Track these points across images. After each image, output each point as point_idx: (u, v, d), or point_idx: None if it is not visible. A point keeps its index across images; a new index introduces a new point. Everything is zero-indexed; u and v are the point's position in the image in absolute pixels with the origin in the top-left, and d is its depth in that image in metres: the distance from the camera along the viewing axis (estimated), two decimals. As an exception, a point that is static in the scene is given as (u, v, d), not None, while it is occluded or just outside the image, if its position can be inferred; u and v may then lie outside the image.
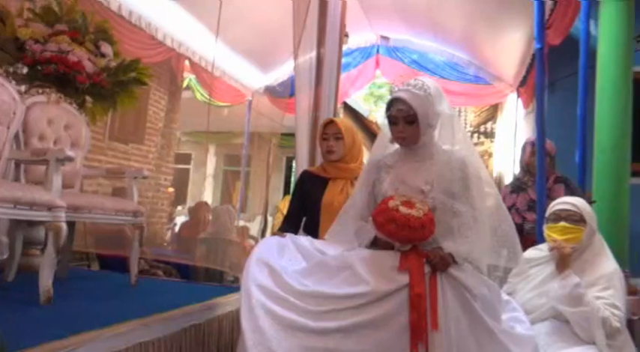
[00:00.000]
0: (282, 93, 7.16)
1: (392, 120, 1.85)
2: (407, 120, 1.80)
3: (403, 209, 1.69)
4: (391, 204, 1.73)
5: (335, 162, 2.46)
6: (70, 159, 2.33)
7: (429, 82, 1.85)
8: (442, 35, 6.04)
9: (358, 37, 6.36)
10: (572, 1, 3.37)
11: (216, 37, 4.45)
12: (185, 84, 7.12)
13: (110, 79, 3.41)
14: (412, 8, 5.50)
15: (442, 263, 1.68)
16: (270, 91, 7.31)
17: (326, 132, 2.46)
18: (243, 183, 8.44)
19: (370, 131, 11.12)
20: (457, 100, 7.98)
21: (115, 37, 3.60)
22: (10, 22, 3.09)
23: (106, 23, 3.57)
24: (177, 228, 6.72)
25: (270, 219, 7.73)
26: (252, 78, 7.04)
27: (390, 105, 1.85)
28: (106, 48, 3.43)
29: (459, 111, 13.00)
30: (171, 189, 7.42)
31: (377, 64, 6.79)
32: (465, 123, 12.73)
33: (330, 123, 2.50)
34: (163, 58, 5.47)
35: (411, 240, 1.71)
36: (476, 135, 11.96)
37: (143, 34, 5.03)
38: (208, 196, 11.34)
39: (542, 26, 2.94)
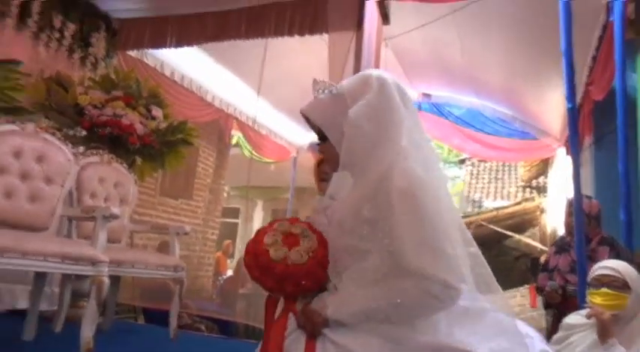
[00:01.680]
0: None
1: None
2: (319, 138, 1.41)
3: (276, 250, 1.25)
4: (266, 238, 1.28)
5: None
6: (116, 217, 2.47)
7: (355, 77, 1.40)
8: (484, 91, 6.06)
9: (400, 95, 6.48)
10: (611, 55, 3.35)
11: (257, 96, 4.70)
12: (234, 141, 7.44)
13: (159, 139, 3.64)
14: (452, 66, 5.59)
15: (309, 325, 1.21)
16: (314, 148, 7.48)
17: None
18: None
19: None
20: (507, 156, 7.88)
21: (167, 101, 3.87)
22: (72, 90, 3.40)
23: (157, 88, 3.85)
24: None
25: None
26: (296, 135, 7.27)
27: None
28: (157, 111, 3.68)
29: (509, 167, 12.81)
30: (227, 241, 7.60)
31: (420, 121, 6.84)
32: (516, 178, 12.45)
33: None
34: (212, 117, 5.79)
35: (263, 287, 1.28)
36: (527, 190, 11.64)
37: (194, 96, 5.38)
38: (255, 250, 11.44)
39: (572, 86, 2.93)
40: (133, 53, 4.39)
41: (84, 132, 3.43)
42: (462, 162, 14.33)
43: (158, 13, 4.00)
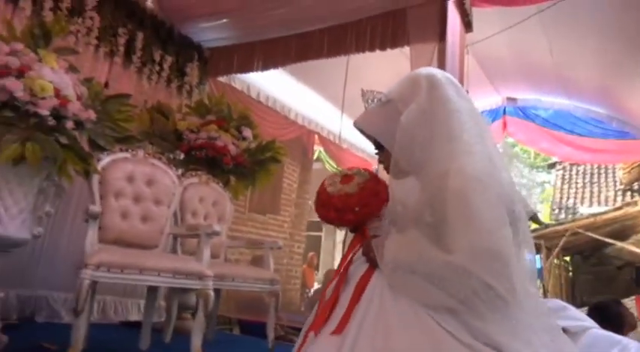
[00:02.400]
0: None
1: None
2: (376, 147, 1.44)
3: (333, 186, 1.44)
4: (326, 181, 1.49)
5: None
6: (218, 234, 2.64)
7: (404, 80, 1.37)
8: (575, 91, 5.75)
9: (483, 101, 6.32)
10: None
11: (341, 113, 4.81)
12: (315, 156, 7.61)
13: (250, 158, 3.83)
14: (539, 68, 5.38)
15: (367, 256, 1.33)
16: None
17: None
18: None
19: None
20: (602, 158, 7.37)
21: (255, 122, 4.06)
22: (172, 117, 3.68)
23: (247, 110, 4.05)
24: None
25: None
26: (377, 148, 7.29)
27: None
28: (247, 132, 3.87)
29: (606, 169, 11.95)
30: (311, 253, 7.75)
31: (504, 126, 6.63)
32: (614, 181, 11.59)
33: None
34: (296, 134, 5.98)
35: (328, 220, 1.45)
36: (628, 193, 10.80)
37: (278, 115, 5.61)
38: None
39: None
40: (222, 78, 4.66)
41: (182, 155, 3.69)
42: (552, 166, 13.60)
43: (245, 40, 4.24)
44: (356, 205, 1.39)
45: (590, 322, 1.91)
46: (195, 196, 3.20)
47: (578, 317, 1.96)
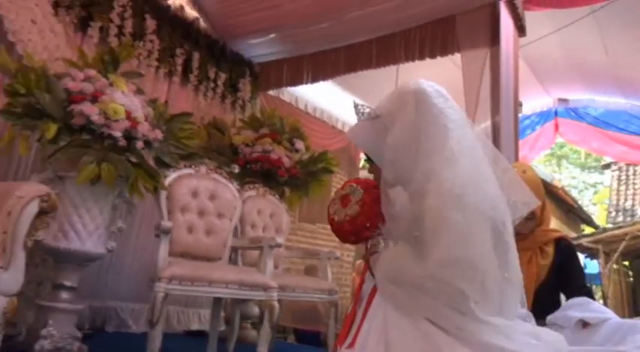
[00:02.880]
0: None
1: None
2: (366, 159, 1.53)
3: (338, 214, 1.49)
4: (330, 210, 1.54)
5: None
6: (279, 246, 2.71)
7: (392, 95, 1.42)
8: (632, 90, 5.54)
9: (533, 102, 6.19)
10: None
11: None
12: (361, 164, 7.63)
13: (303, 170, 3.90)
14: (592, 67, 5.22)
15: (371, 274, 1.40)
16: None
17: None
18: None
19: (557, 197, 10.29)
20: (660, 159, 7.04)
21: (305, 133, 4.14)
22: (227, 132, 3.80)
23: (297, 123, 4.13)
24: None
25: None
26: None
27: None
28: (299, 144, 3.95)
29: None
30: (359, 261, 7.72)
31: (556, 127, 6.45)
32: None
33: None
34: (343, 144, 6.01)
35: (352, 243, 1.56)
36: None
37: (326, 125, 5.68)
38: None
39: None
40: (271, 92, 4.78)
41: (238, 169, 3.79)
42: (606, 166, 13.04)
43: (294, 54, 4.33)
44: (366, 222, 1.44)
45: (611, 314, 1.85)
46: (254, 209, 3.28)
47: (601, 311, 1.90)
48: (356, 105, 1.48)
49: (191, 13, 4.11)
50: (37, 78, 2.30)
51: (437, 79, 4.71)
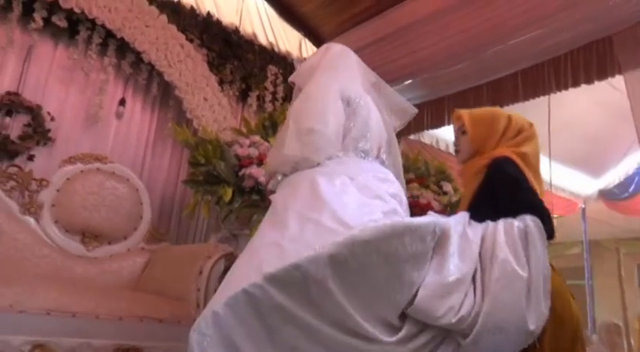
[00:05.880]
0: (621, 194, 6.50)
1: None
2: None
3: None
4: None
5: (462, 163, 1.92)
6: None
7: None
8: None
9: None
10: None
11: (549, 154, 4.50)
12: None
13: (453, 212, 3.78)
14: None
15: None
16: (606, 195, 6.68)
17: (455, 130, 1.95)
18: (590, 299, 7.54)
19: None
20: None
21: (452, 175, 4.04)
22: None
23: (443, 165, 4.06)
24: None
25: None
26: (581, 185, 6.63)
27: None
28: (447, 186, 3.86)
29: None
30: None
31: None
32: None
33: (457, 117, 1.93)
34: (488, 181, 5.75)
35: None
36: None
37: (468, 164, 5.48)
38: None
39: None
40: (412, 135, 4.79)
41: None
42: None
43: (434, 96, 4.31)
44: None
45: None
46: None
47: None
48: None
49: (331, 71, 4.34)
50: (213, 148, 2.59)
51: (595, 104, 4.34)
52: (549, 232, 1.52)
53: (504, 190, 1.65)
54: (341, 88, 1.62)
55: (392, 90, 1.81)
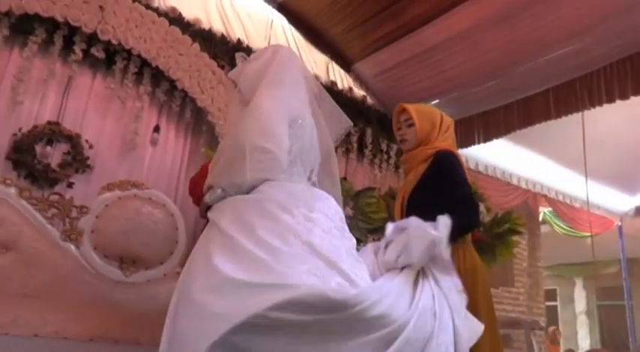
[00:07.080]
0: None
1: None
2: None
3: None
4: None
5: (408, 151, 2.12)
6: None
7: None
8: None
9: None
10: None
11: (585, 173, 4.42)
12: (540, 217, 7.04)
13: (487, 233, 3.72)
14: None
15: None
16: (644, 212, 6.50)
17: (399, 121, 2.13)
18: (630, 320, 7.27)
19: None
20: None
21: (484, 195, 3.98)
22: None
23: (474, 185, 4.00)
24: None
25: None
26: (617, 202, 6.47)
27: None
28: (480, 206, 3.80)
29: None
30: (552, 327, 7.01)
31: None
32: None
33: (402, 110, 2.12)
34: (521, 200, 5.66)
35: None
36: None
37: (499, 182, 5.43)
38: (584, 337, 10.08)
39: None
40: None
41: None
42: None
43: (463, 116, 4.29)
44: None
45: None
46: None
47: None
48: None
49: (359, 92, 4.37)
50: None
51: (629, 119, 4.26)
52: (474, 223, 1.90)
53: (447, 179, 1.88)
54: (289, 107, 1.61)
55: (332, 101, 1.82)
